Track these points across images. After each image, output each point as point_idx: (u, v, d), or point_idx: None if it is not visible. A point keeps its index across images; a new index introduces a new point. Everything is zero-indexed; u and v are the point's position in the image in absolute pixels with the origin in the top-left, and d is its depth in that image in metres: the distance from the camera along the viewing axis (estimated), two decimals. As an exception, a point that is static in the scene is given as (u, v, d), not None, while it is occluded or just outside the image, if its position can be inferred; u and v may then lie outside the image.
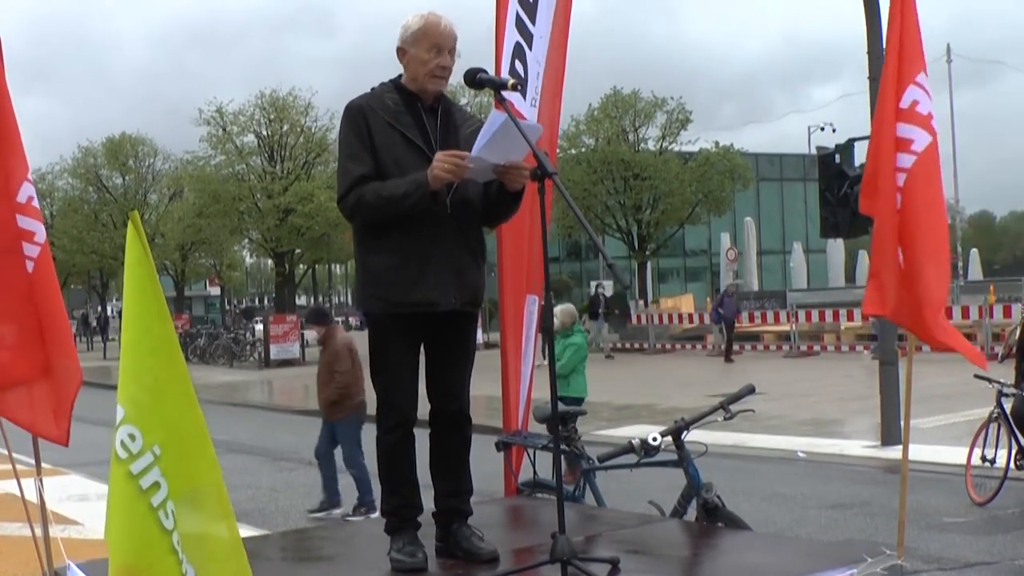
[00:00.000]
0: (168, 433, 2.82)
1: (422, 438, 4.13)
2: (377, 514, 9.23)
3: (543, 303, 5.87)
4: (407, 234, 3.97)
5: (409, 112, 4.09)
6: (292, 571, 4.42)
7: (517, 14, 5.64)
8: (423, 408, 4.12)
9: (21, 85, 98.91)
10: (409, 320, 4.02)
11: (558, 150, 36.53)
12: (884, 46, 4.65)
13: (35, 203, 4.31)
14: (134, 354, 2.85)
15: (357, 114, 4.06)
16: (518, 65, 5.63)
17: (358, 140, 4.02)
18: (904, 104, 4.45)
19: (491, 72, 4.26)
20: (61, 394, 4.29)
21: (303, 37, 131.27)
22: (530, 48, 5.69)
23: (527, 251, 5.74)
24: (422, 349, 4.18)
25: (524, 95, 5.57)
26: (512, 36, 5.62)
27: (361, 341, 4.28)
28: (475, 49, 4.48)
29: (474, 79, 3.96)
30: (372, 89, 4.21)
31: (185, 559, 2.77)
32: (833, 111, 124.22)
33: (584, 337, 11.15)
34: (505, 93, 3.94)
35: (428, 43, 4.05)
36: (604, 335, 31.60)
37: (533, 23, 5.71)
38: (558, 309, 11.36)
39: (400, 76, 4.20)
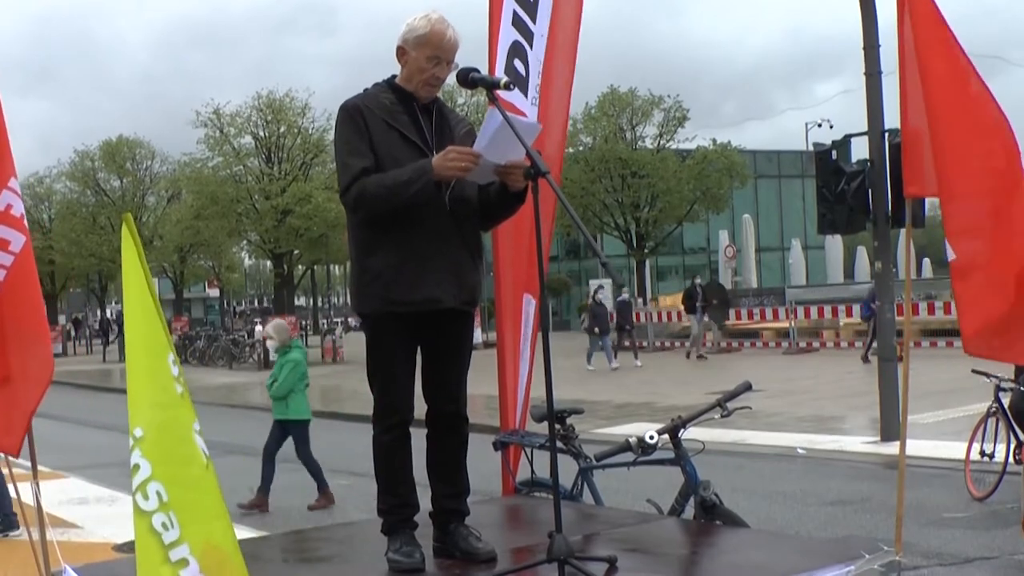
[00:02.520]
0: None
1: (417, 437, 4.14)
2: None
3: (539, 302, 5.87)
4: (405, 233, 3.97)
5: (405, 111, 4.09)
6: (291, 572, 4.42)
7: (515, 12, 5.61)
8: (419, 408, 4.13)
9: (22, 87, 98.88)
10: (407, 320, 4.02)
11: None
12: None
13: (15, 211, 4.25)
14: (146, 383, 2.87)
15: (354, 112, 4.06)
16: (517, 64, 5.60)
17: (357, 136, 4.01)
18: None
19: (484, 71, 4.24)
20: (17, 405, 4.18)
21: (306, 36, 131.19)
22: (531, 47, 5.66)
23: (527, 250, 5.74)
24: (419, 350, 4.18)
25: (525, 94, 5.55)
26: (510, 35, 5.59)
27: (359, 342, 4.27)
28: (469, 48, 4.46)
29: (467, 78, 3.95)
30: (366, 89, 4.21)
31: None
32: (835, 107, 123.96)
33: (303, 354, 10.91)
34: (503, 92, 3.93)
35: (430, 51, 4.04)
36: (701, 332, 27.81)
37: (534, 21, 5.68)
38: (270, 326, 11.17)
39: (394, 76, 4.19)
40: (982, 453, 9.56)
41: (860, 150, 13.18)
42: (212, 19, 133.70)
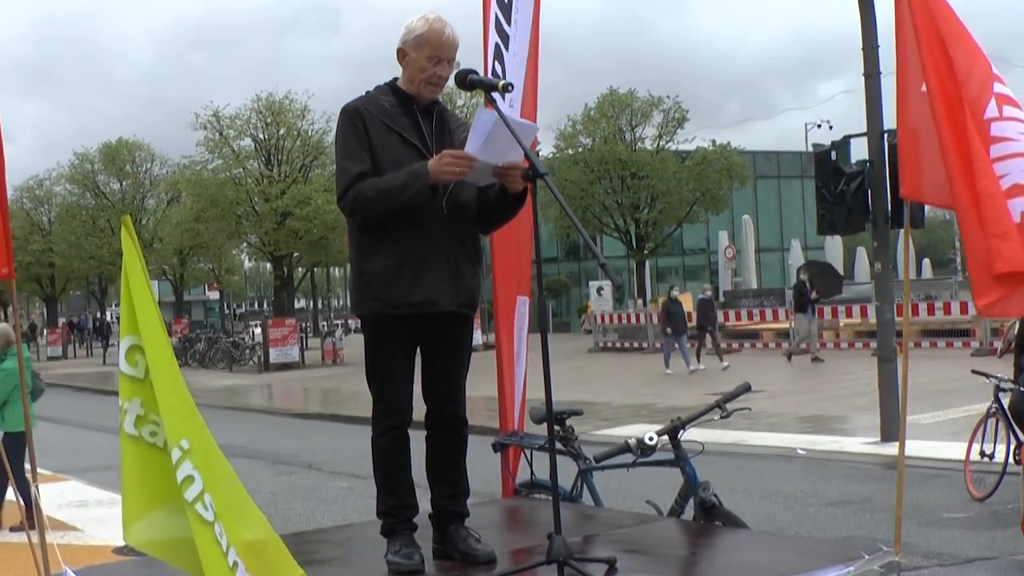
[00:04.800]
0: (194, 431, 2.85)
1: (416, 439, 4.14)
2: None
3: (537, 303, 5.87)
4: (404, 236, 3.97)
5: (405, 113, 4.10)
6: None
7: (496, 16, 5.66)
8: (418, 410, 4.13)
9: (24, 89, 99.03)
10: (406, 322, 4.03)
11: (555, 150, 36.57)
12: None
13: None
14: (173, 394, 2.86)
15: (354, 115, 4.07)
16: (497, 66, 5.64)
17: (356, 140, 4.03)
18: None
19: (481, 73, 4.26)
20: None
21: (309, 36, 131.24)
22: (507, 49, 5.70)
23: (516, 252, 5.76)
24: (418, 352, 4.19)
25: (504, 97, 5.59)
26: (492, 37, 5.64)
27: (359, 344, 4.27)
28: (467, 50, 4.48)
29: (465, 80, 3.96)
30: (367, 92, 4.22)
31: (232, 552, 2.78)
32: (837, 107, 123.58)
33: (15, 362, 10.40)
34: (494, 94, 3.95)
35: (429, 51, 4.05)
36: (814, 332, 24.95)
37: (509, 24, 5.72)
38: None
39: (395, 79, 4.20)
40: (982, 453, 9.56)
41: (860, 151, 13.21)
42: (215, 20, 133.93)
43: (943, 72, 4.45)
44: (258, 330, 38.98)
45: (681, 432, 5.14)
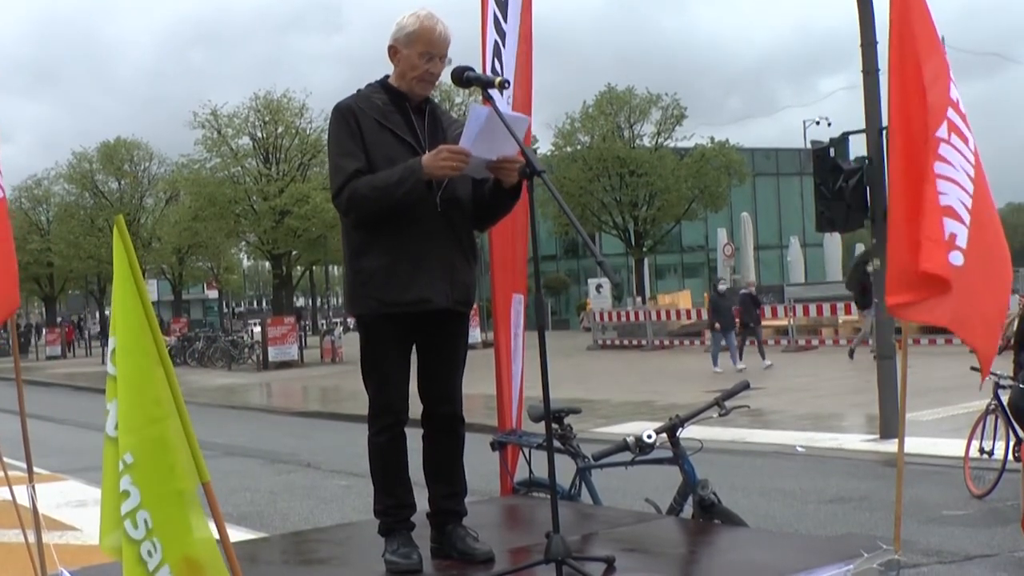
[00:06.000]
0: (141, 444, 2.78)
1: (414, 437, 4.13)
2: None
3: (535, 300, 5.87)
4: (398, 234, 3.97)
5: (398, 111, 4.10)
6: (289, 574, 4.42)
7: (494, 13, 5.66)
8: (415, 408, 4.12)
9: (25, 88, 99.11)
10: (402, 321, 4.02)
11: (554, 147, 36.45)
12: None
13: None
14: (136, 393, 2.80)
15: (347, 113, 4.06)
16: (497, 64, 5.64)
17: (350, 138, 4.02)
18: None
19: (478, 71, 4.24)
20: None
21: (311, 34, 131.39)
22: (504, 46, 5.71)
23: (511, 249, 5.75)
24: (414, 350, 4.18)
25: (501, 93, 5.59)
26: (491, 35, 5.64)
27: (358, 343, 4.26)
28: (466, 49, 4.47)
29: (461, 77, 3.96)
30: (359, 90, 4.21)
31: (162, 568, 2.74)
32: (839, 103, 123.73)
33: None
34: (491, 91, 3.94)
35: (421, 48, 4.04)
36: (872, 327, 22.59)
37: (506, 20, 5.72)
38: None
39: (387, 76, 4.19)
40: (981, 450, 9.54)
41: (859, 147, 13.20)
42: (216, 19, 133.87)
43: (911, 73, 4.43)
44: (257, 329, 38.97)
45: (680, 430, 5.13)
